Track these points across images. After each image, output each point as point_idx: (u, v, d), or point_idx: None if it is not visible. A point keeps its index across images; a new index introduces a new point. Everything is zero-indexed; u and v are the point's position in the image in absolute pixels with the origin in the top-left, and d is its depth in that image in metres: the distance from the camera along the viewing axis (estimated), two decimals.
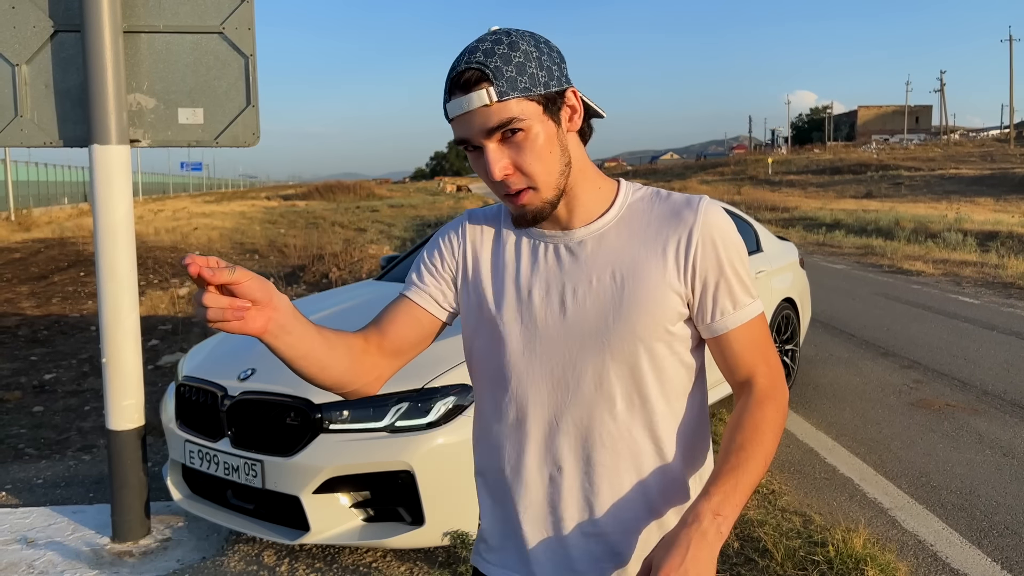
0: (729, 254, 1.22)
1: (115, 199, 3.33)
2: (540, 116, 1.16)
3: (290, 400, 3.20)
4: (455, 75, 1.14)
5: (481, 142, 1.15)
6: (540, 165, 1.17)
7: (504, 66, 1.13)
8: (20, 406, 5.81)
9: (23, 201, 30.40)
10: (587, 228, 1.25)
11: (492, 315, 1.29)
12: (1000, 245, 15.76)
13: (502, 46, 1.14)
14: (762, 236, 5.99)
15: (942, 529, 3.67)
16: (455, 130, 1.18)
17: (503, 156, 1.16)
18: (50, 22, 3.31)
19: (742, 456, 1.15)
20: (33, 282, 12.21)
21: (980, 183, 40.16)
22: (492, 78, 1.12)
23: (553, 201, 1.20)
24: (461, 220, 1.39)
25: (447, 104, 1.16)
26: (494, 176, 1.16)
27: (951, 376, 6.31)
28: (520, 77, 1.13)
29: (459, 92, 1.14)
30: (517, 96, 1.13)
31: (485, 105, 1.12)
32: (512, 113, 1.13)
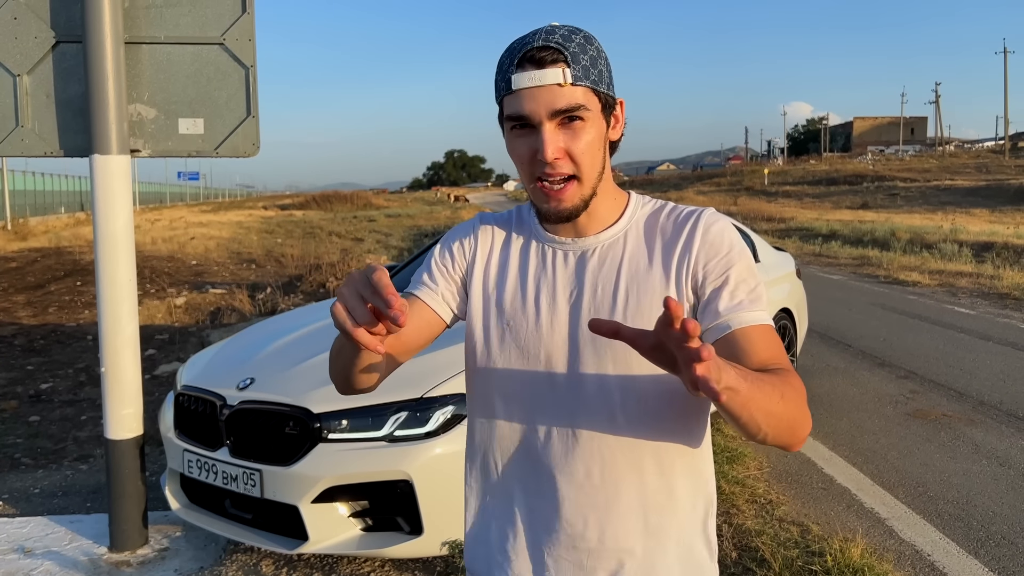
0: (731, 258, 1.20)
1: (115, 209, 3.34)
2: (599, 113, 1.17)
3: (289, 409, 3.20)
4: (530, 48, 1.13)
5: (541, 120, 1.14)
6: (588, 158, 1.17)
7: (581, 53, 1.14)
8: (16, 415, 5.80)
9: (20, 210, 30.36)
10: (597, 237, 1.25)
11: (497, 319, 1.29)
12: (995, 256, 15.82)
13: (578, 36, 1.16)
14: (759, 247, 6.01)
15: (939, 539, 3.68)
16: (511, 105, 1.16)
17: (559, 138, 1.15)
18: (52, 33, 3.33)
19: (765, 379, 1.04)
20: (29, 291, 12.19)
21: (975, 194, 40.32)
22: (569, 60, 1.13)
23: (587, 200, 1.20)
24: (473, 223, 1.39)
25: (514, 75, 1.14)
26: (547, 155, 1.14)
27: (947, 386, 6.33)
28: (592, 68, 1.15)
29: (531, 66, 1.13)
30: (587, 85, 1.14)
31: (558, 84, 1.12)
32: (580, 100, 1.14)
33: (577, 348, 1.22)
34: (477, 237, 1.36)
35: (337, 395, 3.21)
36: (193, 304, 10.58)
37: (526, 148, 1.16)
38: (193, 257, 17.08)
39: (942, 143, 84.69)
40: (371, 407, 3.17)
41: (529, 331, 1.26)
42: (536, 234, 1.30)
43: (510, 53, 1.16)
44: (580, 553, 1.23)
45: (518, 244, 1.32)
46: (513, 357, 1.27)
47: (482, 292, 1.32)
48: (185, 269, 15.10)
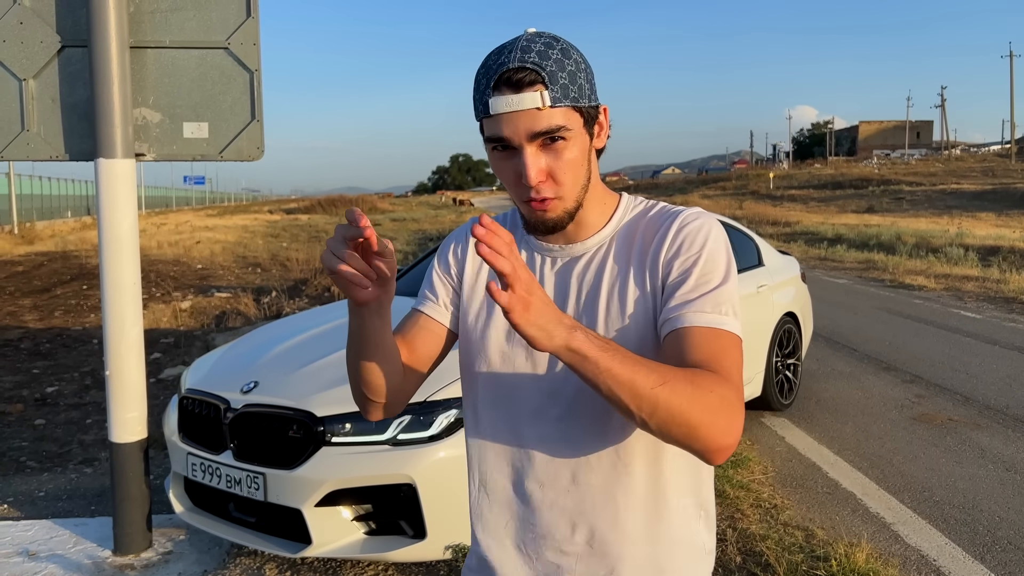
0: (698, 257, 1.15)
1: (120, 212, 3.35)
2: (580, 129, 1.15)
3: (292, 413, 3.20)
4: (506, 71, 1.10)
5: (521, 143, 1.12)
6: (571, 176, 1.15)
7: (559, 72, 1.11)
8: (22, 419, 5.82)
9: (26, 214, 30.50)
10: (584, 244, 1.24)
11: (484, 326, 1.29)
12: (1002, 260, 15.76)
13: (555, 51, 1.12)
14: (764, 250, 6.00)
15: (945, 544, 3.66)
16: (491, 127, 1.13)
17: (540, 161, 1.13)
18: (57, 37, 3.35)
19: (651, 364, 1.02)
20: (36, 295, 12.24)
21: (981, 198, 40.21)
22: (547, 82, 1.10)
23: (572, 213, 1.18)
24: (465, 228, 1.38)
25: (490, 99, 1.11)
26: (530, 179, 1.12)
27: (953, 391, 6.30)
28: (571, 86, 1.12)
29: (509, 89, 1.10)
30: (567, 105, 1.12)
31: (537, 108, 1.10)
32: (560, 121, 1.11)
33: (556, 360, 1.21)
34: (469, 242, 1.35)
35: (340, 398, 3.21)
36: (198, 308, 10.60)
37: (510, 170, 1.15)
38: (198, 261, 17.13)
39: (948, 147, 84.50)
40: None
41: (514, 338, 1.25)
42: (526, 240, 1.29)
43: (486, 71, 1.13)
44: (570, 558, 1.22)
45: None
46: (497, 363, 1.27)
47: (471, 297, 1.32)
48: (190, 273, 15.14)
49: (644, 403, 1.00)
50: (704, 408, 1.02)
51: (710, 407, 1.03)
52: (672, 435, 1.03)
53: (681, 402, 1.01)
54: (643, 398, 1.00)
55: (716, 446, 1.04)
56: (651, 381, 1.00)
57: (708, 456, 1.05)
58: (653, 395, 1.00)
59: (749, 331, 5.37)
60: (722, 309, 1.12)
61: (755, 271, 5.64)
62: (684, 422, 1.01)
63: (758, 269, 5.71)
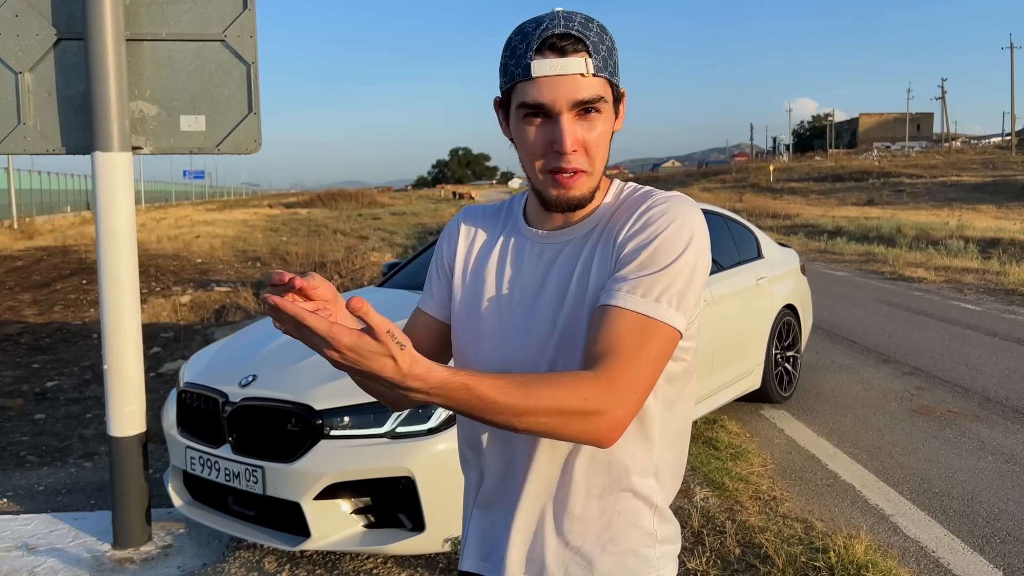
0: (650, 241, 1.12)
1: (117, 206, 3.34)
2: (611, 106, 1.15)
3: (291, 406, 3.20)
4: (551, 34, 1.09)
5: (561, 110, 1.10)
6: (600, 152, 1.15)
7: (599, 43, 1.11)
8: (22, 413, 5.82)
9: (26, 209, 30.48)
10: (572, 229, 1.22)
11: (473, 315, 1.28)
12: (1002, 252, 15.76)
13: (595, 24, 1.12)
14: (763, 243, 5.99)
15: (944, 535, 3.66)
16: (527, 91, 1.11)
17: (576, 130, 1.11)
18: (53, 30, 3.33)
19: (518, 379, 1.01)
20: (35, 290, 12.23)
21: (982, 190, 40.17)
22: (591, 50, 1.10)
23: (593, 191, 1.17)
24: (457, 219, 1.38)
25: (533, 61, 1.09)
26: (566, 146, 1.10)
27: (953, 383, 6.30)
28: (609, 60, 1.12)
29: (552, 53, 1.09)
30: (605, 77, 1.12)
31: (580, 74, 1.09)
32: (600, 91, 1.11)
33: (550, 342, 1.19)
34: (460, 234, 1.35)
35: (339, 391, 3.21)
36: (198, 302, 10.60)
37: (540, 137, 1.13)
38: (198, 255, 17.12)
39: (948, 139, 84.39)
40: (373, 404, 3.17)
41: (502, 326, 1.24)
42: (520, 228, 1.28)
43: (524, 37, 1.11)
44: (551, 546, 1.23)
45: (501, 239, 1.30)
46: (487, 352, 1.26)
47: (463, 287, 1.32)
48: (190, 267, 15.13)
49: (507, 417, 1.00)
50: (569, 405, 1.02)
51: (562, 411, 1.02)
52: (546, 434, 1.05)
53: (539, 404, 1.01)
54: (503, 414, 1.00)
55: (595, 437, 1.05)
56: (515, 396, 0.99)
57: (596, 444, 1.07)
58: (515, 409, 1.00)
59: (748, 323, 5.36)
60: (654, 294, 1.09)
61: (754, 263, 5.64)
62: (547, 429, 1.03)
63: (757, 261, 5.70)
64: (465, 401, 0.97)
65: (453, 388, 0.95)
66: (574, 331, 1.17)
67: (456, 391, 0.96)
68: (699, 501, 3.99)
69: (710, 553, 3.41)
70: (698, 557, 3.37)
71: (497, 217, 1.35)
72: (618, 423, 1.05)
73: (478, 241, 1.33)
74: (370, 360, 0.89)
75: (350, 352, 0.88)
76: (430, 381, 0.93)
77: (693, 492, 4.10)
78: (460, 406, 0.98)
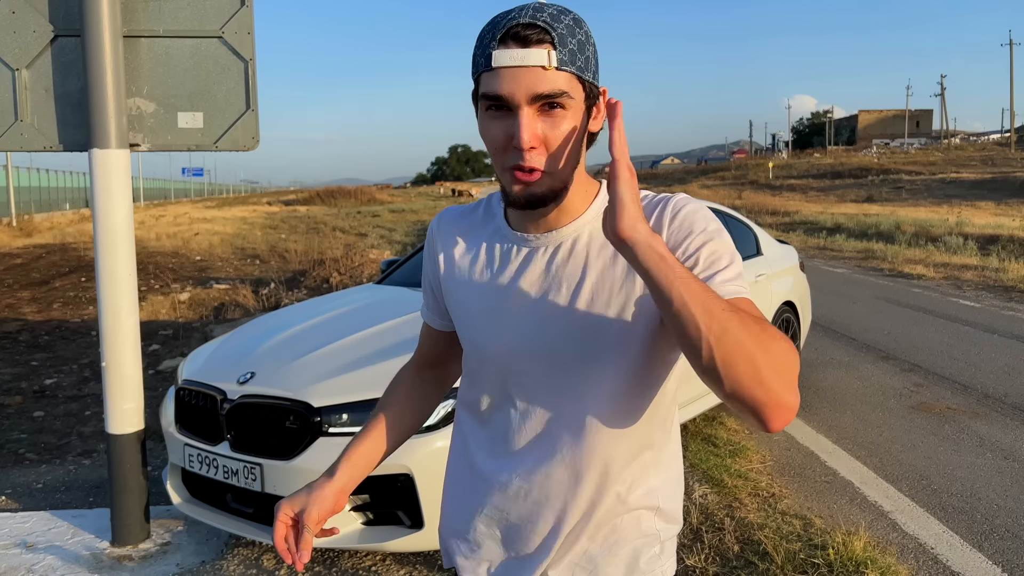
0: (700, 239, 1.11)
1: (115, 203, 3.34)
2: (581, 103, 1.10)
3: (289, 403, 3.20)
4: (515, 25, 1.06)
5: (519, 103, 1.06)
6: (564, 150, 1.10)
7: (568, 36, 1.07)
8: (21, 411, 5.81)
9: (25, 207, 30.45)
10: (562, 231, 1.19)
11: (466, 321, 1.27)
12: (1001, 249, 15.77)
13: (567, 17, 1.08)
14: (762, 240, 5.99)
15: (943, 532, 3.66)
16: (489, 83, 1.07)
17: (536, 125, 1.07)
18: (50, 27, 3.32)
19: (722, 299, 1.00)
20: (34, 287, 12.22)
21: (981, 187, 40.17)
22: (556, 43, 1.05)
23: (558, 191, 1.12)
24: (432, 227, 1.36)
25: (495, 51, 1.06)
26: (523, 142, 1.06)
27: (952, 380, 6.30)
28: (579, 54, 1.08)
29: (515, 44, 1.05)
30: (572, 71, 1.07)
31: (542, 66, 1.05)
32: (563, 86, 1.06)
33: (542, 348, 1.18)
34: (437, 241, 1.33)
35: (338, 389, 3.21)
36: (197, 299, 10.59)
37: (500, 131, 1.09)
38: (197, 253, 17.11)
39: (948, 136, 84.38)
40: (372, 401, 3.17)
41: (495, 330, 1.22)
42: (501, 233, 1.25)
43: (492, 27, 1.08)
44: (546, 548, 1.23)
45: (485, 241, 1.27)
46: (480, 357, 1.25)
47: (451, 293, 1.30)
48: (189, 265, 15.12)
49: (715, 323, 0.95)
50: (770, 352, 0.96)
51: (776, 354, 0.97)
52: (736, 374, 0.95)
53: (750, 338, 0.96)
54: (714, 317, 0.95)
55: (778, 400, 0.96)
56: (723, 304, 0.97)
57: (767, 413, 0.97)
58: (724, 317, 0.95)
59: None
60: (739, 280, 1.10)
61: (754, 260, 5.63)
62: (751, 359, 0.95)
63: (757, 258, 5.70)
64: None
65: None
66: (583, 338, 1.16)
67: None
68: (698, 498, 3.99)
69: (709, 550, 3.41)
70: (697, 554, 3.37)
71: (474, 218, 1.31)
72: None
73: (459, 248, 1.29)
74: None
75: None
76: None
77: (692, 489, 4.10)
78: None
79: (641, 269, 0.99)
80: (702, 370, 0.98)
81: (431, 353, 1.46)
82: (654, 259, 0.98)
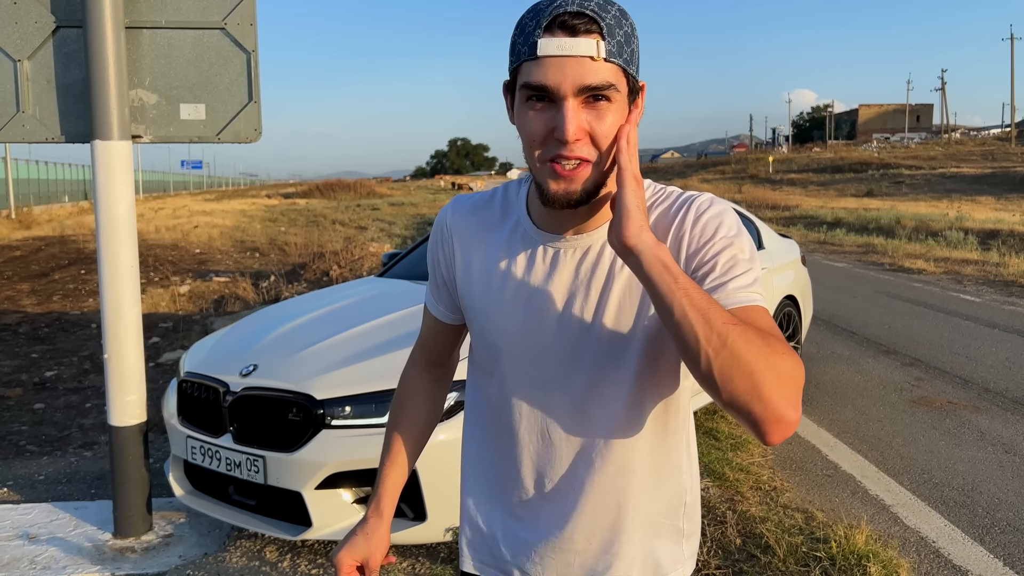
0: (721, 244, 1.10)
1: (117, 195, 3.33)
2: (625, 96, 1.05)
3: (292, 396, 3.19)
4: (562, 12, 1.01)
5: (565, 95, 1.01)
6: (609, 142, 1.05)
7: (616, 27, 1.03)
8: (21, 403, 5.81)
9: (24, 199, 30.40)
10: (592, 234, 1.16)
11: (485, 322, 1.24)
12: (1001, 243, 15.76)
13: (614, 7, 1.04)
14: (764, 234, 5.98)
15: (944, 526, 3.67)
16: (533, 72, 1.02)
17: (581, 117, 1.02)
18: (52, 17, 3.31)
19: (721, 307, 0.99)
20: (34, 280, 12.21)
21: (981, 182, 40.14)
22: (604, 32, 1.01)
23: (597, 187, 1.08)
24: (445, 219, 1.30)
25: (540, 40, 1.01)
26: (568, 134, 1.01)
27: (952, 374, 6.31)
28: (626, 46, 1.04)
29: (563, 32, 1.00)
30: (619, 64, 1.03)
31: (590, 57, 1.00)
32: (611, 78, 1.02)
33: (575, 356, 1.16)
34: (451, 235, 1.28)
35: (340, 381, 3.21)
36: (197, 292, 10.59)
37: (541, 123, 1.04)
38: (197, 245, 17.09)
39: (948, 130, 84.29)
40: (374, 393, 3.17)
41: (516, 334, 1.20)
42: (526, 229, 1.20)
43: (536, 14, 1.03)
44: (568, 555, 1.23)
45: (507, 239, 1.21)
46: (516, 368, 1.22)
47: (473, 298, 1.25)
48: (189, 257, 15.11)
49: (714, 335, 0.95)
50: (770, 366, 0.95)
51: (777, 368, 0.95)
52: (733, 387, 0.95)
53: (750, 349, 0.95)
54: (714, 329, 0.95)
55: (777, 416, 0.95)
56: (725, 316, 0.97)
57: (765, 428, 0.96)
58: (725, 330, 0.95)
59: None
60: (754, 288, 1.08)
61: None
62: (749, 374, 0.94)
63: (758, 252, 5.69)
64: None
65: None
66: (611, 343, 1.14)
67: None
68: (700, 491, 3.99)
69: (711, 543, 3.42)
70: (699, 547, 3.37)
71: (491, 212, 1.26)
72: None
73: (479, 246, 1.24)
74: None
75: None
76: None
77: None
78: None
79: (644, 277, 0.99)
80: (700, 379, 0.98)
81: (437, 348, 1.42)
82: (657, 268, 0.98)
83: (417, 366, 1.44)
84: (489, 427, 1.28)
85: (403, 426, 1.40)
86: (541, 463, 1.22)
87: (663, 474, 1.22)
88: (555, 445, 1.20)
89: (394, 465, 1.37)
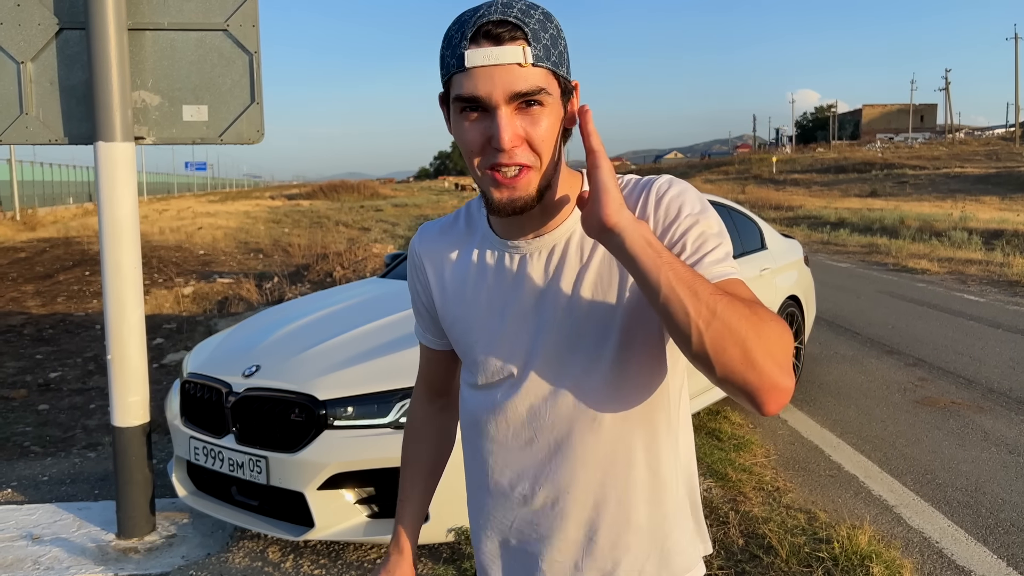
0: (687, 221, 1.09)
1: (120, 196, 3.34)
2: (557, 98, 1.06)
3: (294, 396, 3.20)
4: (486, 22, 1.01)
5: (497, 103, 1.02)
6: (547, 146, 1.05)
7: (541, 31, 1.03)
8: (26, 404, 5.83)
9: (28, 201, 30.48)
10: (553, 234, 1.16)
11: (467, 337, 1.23)
12: (1005, 243, 15.72)
13: (537, 11, 1.05)
14: (767, 234, 5.98)
15: (947, 526, 3.66)
16: (463, 84, 1.03)
17: (515, 124, 1.03)
18: (55, 20, 3.32)
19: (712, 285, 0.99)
20: (38, 281, 12.24)
21: (985, 181, 40.06)
22: (529, 38, 1.01)
23: (541, 192, 1.08)
24: (414, 247, 1.32)
25: (467, 51, 1.01)
26: (504, 142, 1.02)
27: (956, 374, 6.29)
28: (553, 49, 1.04)
29: (488, 42, 1.01)
30: (547, 67, 1.03)
31: (518, 64, 1.01)
32: (541, 82, 1.02)
33: (553, 354, 1.16)
34: (425, 261, 1.29)
35: (342, 382, 3.21)
36: (200, 293, 10.60)
37: (477, 133, 1.04)
38: (200, 247, 17.12)
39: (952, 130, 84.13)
40: (377, 394, 3.17)
41: (491, 342, 1.20)
42: (490, 240, 1.20)
43: (461, 25, 1.03)
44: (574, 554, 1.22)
45: (474, 254, 1.22)
46: (489, 374, 1.22)
47: (451, 316, 1.26)
48: (192, 259, 15.14)
49: (703, 308, 0.94)
50: (760, 334, 0.95)
51: (767, 336, 0.95)
52: (727, 359, 0.94)
53: (739, 320, 0.94)
54: (702, 302, 0.94)
55: (772, 383, 0.95)
56: (711, 288, 0.96)
57: (761, 397, 0.96)
58: (712, 301, 0.95)
59: None
60: (727, 261, 1.08)
61: (758, 254, 5.62)
62: (741, 343, 0.94)
63: (761, 252, 5.69)
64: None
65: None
66: (593, 334, 1.14)
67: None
68: (702, 492, 3.99)
69: (713, 543, 3.41)
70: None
71: (456, 232, 1.27)
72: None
73: (449, 266, 1.26)
74: None
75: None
76: None
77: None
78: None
79: (627, 256, 0.98)
80: (692, 356, 0.97)
81: (436, 377, 1.42)
82: (641, 244, 0.97)
83: (421, 399, 1.46)
84: (481, 439, 1.27)
85: (413, 460, 1.43)
86: (532, 468, 1.21)
87: (660, 472, 1.20)
88: (545, 448, 1.19)
89: (408, 502, 1.42)
